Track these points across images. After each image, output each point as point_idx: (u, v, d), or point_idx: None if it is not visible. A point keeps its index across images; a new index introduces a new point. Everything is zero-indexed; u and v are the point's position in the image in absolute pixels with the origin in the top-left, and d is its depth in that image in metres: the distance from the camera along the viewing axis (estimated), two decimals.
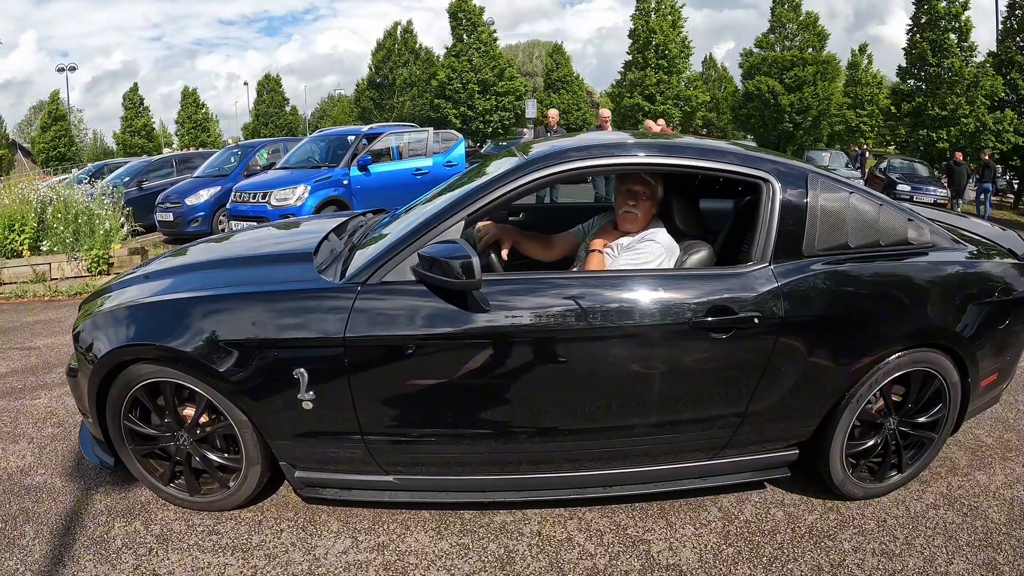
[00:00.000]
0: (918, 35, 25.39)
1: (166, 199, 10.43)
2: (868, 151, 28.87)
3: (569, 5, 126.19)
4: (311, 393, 2.20)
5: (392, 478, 2.41)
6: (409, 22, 43.77)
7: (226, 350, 2.21)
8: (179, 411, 2.44)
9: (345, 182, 9.16)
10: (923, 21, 25.33)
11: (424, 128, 10.97)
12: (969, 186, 18.29)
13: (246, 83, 65.76)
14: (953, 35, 24.52)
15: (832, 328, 2.33)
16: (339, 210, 8.71)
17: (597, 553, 2.33)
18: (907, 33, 26.06)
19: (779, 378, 2.31)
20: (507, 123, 39.55)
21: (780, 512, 2.56)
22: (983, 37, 50.96)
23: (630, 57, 35.58)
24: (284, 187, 8.84)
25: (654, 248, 2.50)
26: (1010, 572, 2.22)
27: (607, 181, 8.62)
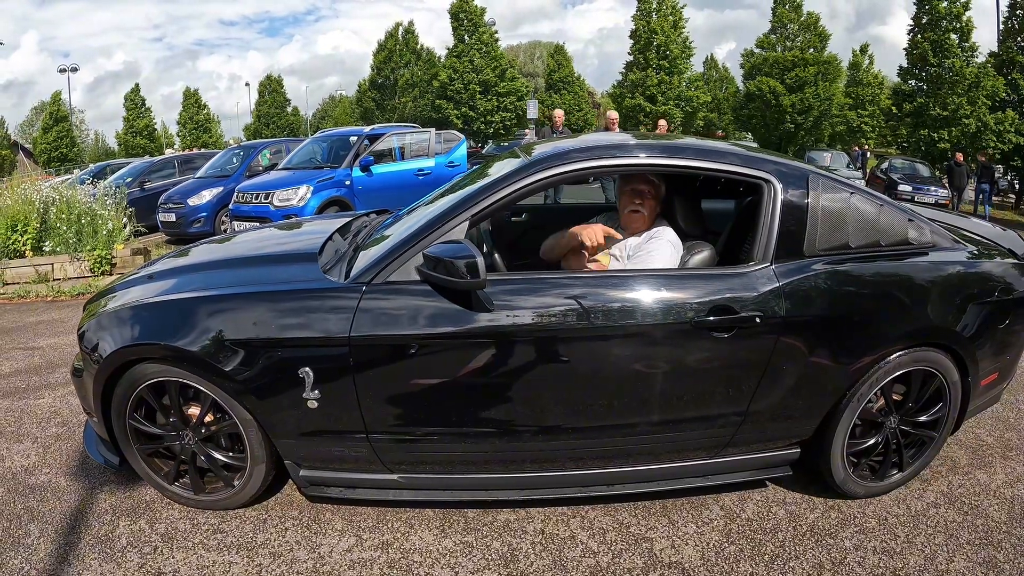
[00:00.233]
0: (919, 35, 25.37)
1: (168, 199, 10.43)
2: (869, 151, 28.86)
3: (570, 6, 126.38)
4: (316, 392, 2.21)
5: (396, 477, 2.42)
6: (410, 23, 43.60)
7: (232, 349, 2.23)
8: (184, 410, 2.45)
9: (347, 183, 9.16)
10: (924, 21, 25.31)
11: (426, 129, 10.97)
12: (969, 186, 18.28)
13: (247, 84, 65.58)
14: (954, 35, 24.51)
15: (833, 327, 2.34)
16: (341, 211, 8.71)
17: (600, 551, 2.34)
18: (908, 33, 26.06)
19: (780, 377, 2.32)
20: (508, 124, 39.48)
21: (782, 510, 2.57)
22: (984, 37, 50.96)
23: (631, 58, 35.52)
24: (286, 188, 8.83)
25: (663, 246, 2.51)
26: (1010, 570, 2.23)
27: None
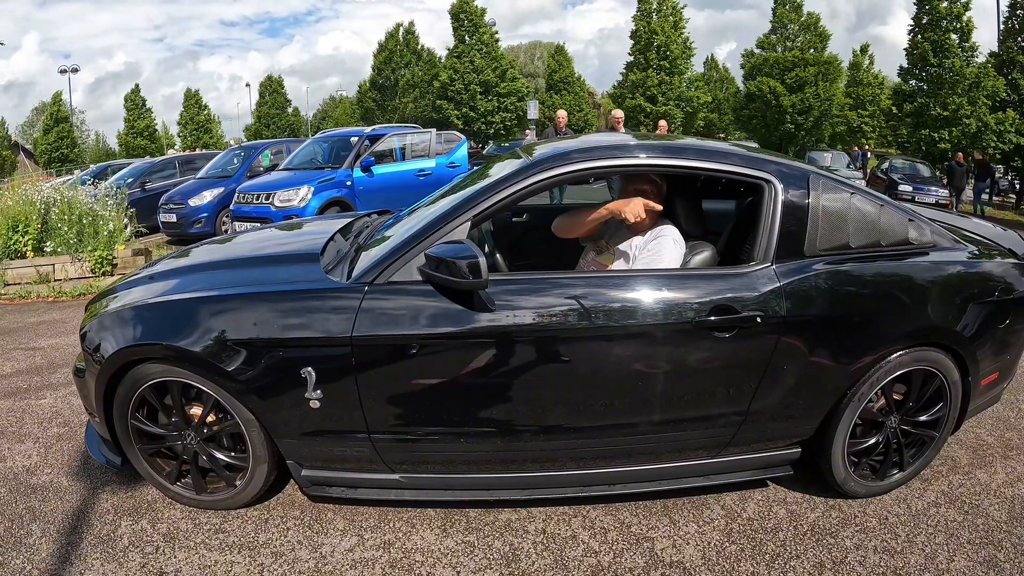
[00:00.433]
0: (919, 35, 25.41)
1: (169, 200, 10.43)
2: (870, 152, 28.87)
3: (571, 6, 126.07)
4: (318, 392, 2.22)
5: (398, 476, 2.43)
6: (411, 23, 43.58)
7: (234, 349, 2.23)
8: (186, 410, 2.45)
9: (348, 183, 9.16)
10: (924, 21, 25.35)
11: (427, 129, 10.97)
12: (969, 186, 18.31)
13: (248, 84, 65.53)
14: (954, 35, 24.55)
15: (833, 327, 2.34)
16: (342, 211, 8.72)
17: (601, 550, 2.34)
18: (908, 33, 26.11)
19: (781, 377, 2.33)
20: (509, 124, 39.50)
21: (782, 510, 2.58)
22: (984, 37, 51.01)
23: (632, 58, 35.53)
24: (287, 188, 8.83)
25: (669, 245, 2.51)
26: (1011, 569, 2.24)
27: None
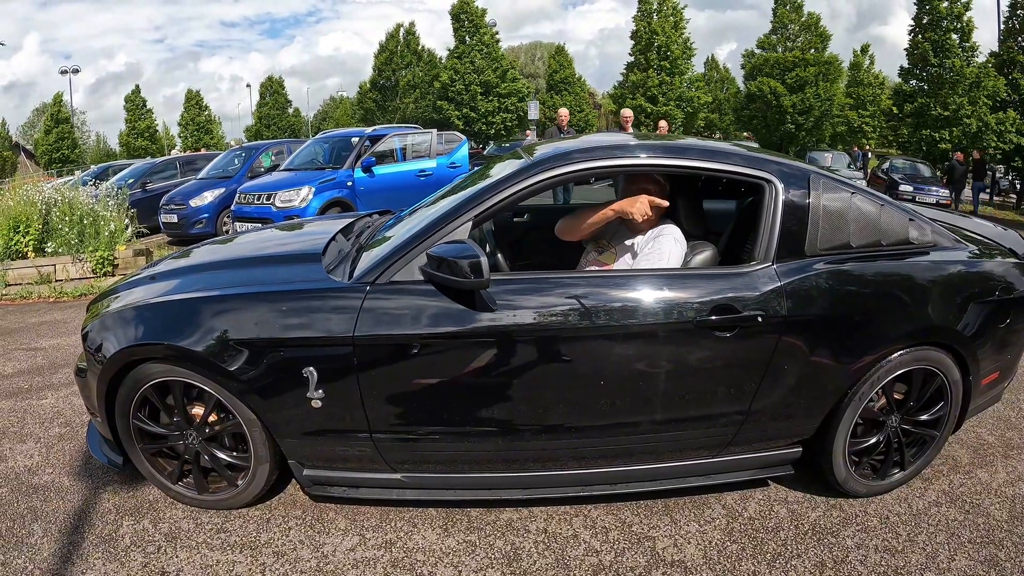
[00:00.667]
0: (920, 35, 25.37)
1: (170, 201, 10.43)
2: (870, 152, 28.87)
3: (571, 6, 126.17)
4: (320, 392, 2.22)
5: (400, 476, 2.43)
6: (412, 24, 43.54)
7: (236, 349, 2.24)
8: (188, 410, 2.46)
9: (349, 183, 9.16)
10: (925, 21, 25.30)
11: (427, 130, 10.97)
12: (968, 185, 18.33)
13: (249, 85, 65.56)
14: (955, 35, 24.51)
15: (834, 327, 2.35)
16: (343, 211, 8.72)
17: (603, 550, 2.35)
18: (909, 33, 26.05)
19: (782, 376, 2.33)
20: (510, 125, 39.49)
21: (784, 509, 2.58)
22: (985, 37, 51.04)
23: (632, 58, 35.52)
24: (288, 189, 8.83)
25: (670, 244, 2.51)
26: (1012, 568, 2.24)
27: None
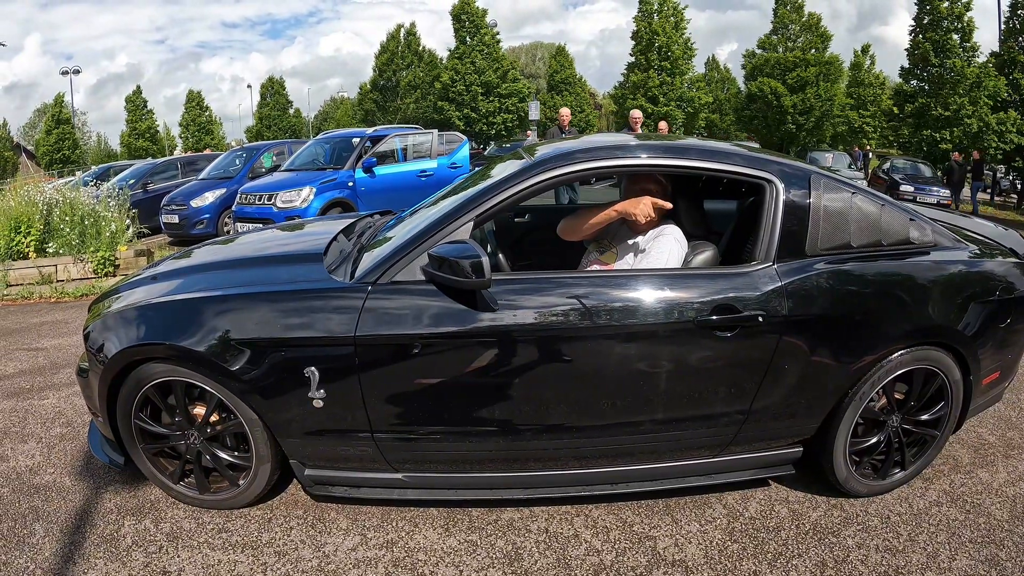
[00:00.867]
0: (921, 36, 25.39)
1: (171, 201, 10.44)
2: (871, 152, 28.86)
3: (572, 7, 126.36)
4: (322, 391, 2.23)
5: (401, 476, 2.43)
6: (412, 24, 43.54)
7: (238, 349, 2.24)
8: (189, 410, 2.46)
9: (350, 184, 9.17)
10: (926, 22, 25.32)
11: (428, 130, 10.98)
12: (967, 184, 18.33)
13: (249, 86, 65.43)
14: (956, 35, 24.51)
15: (835, 327, 2.35)
16: (344, 212, 8.73)
17: (604, 549, 2.35)
18: (910, 34, 26.08)
19: (783, 376, 2.33)
20: (511, 125, 39.50)
21: (784, 509, 2.58)
22: (985, 37, 51.07)
23: (633, 59, 35.54)
24: (289, 189, 8.84)
25: (671, 244, 2.52)
26: (1013, 568, 2.24)
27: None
